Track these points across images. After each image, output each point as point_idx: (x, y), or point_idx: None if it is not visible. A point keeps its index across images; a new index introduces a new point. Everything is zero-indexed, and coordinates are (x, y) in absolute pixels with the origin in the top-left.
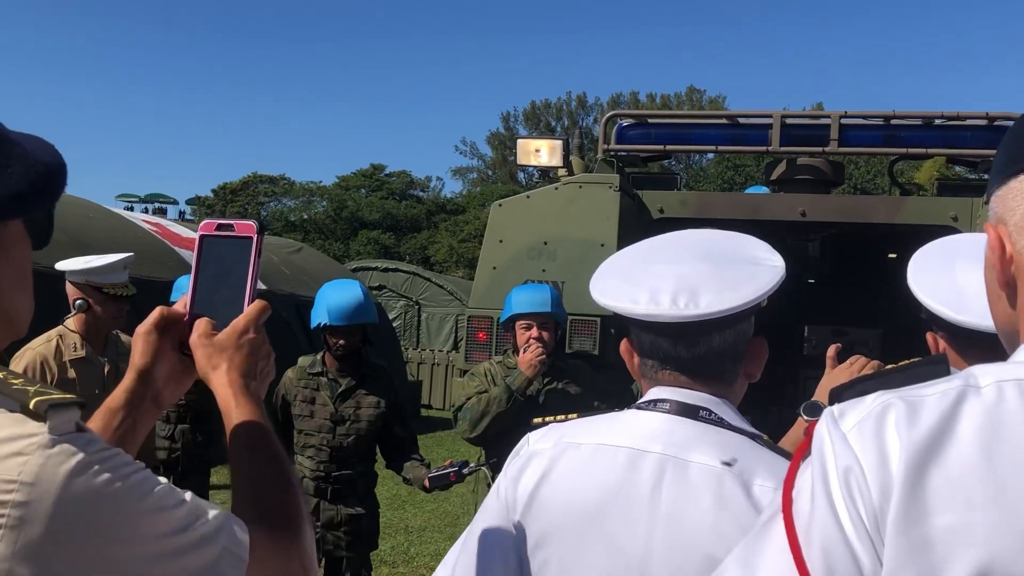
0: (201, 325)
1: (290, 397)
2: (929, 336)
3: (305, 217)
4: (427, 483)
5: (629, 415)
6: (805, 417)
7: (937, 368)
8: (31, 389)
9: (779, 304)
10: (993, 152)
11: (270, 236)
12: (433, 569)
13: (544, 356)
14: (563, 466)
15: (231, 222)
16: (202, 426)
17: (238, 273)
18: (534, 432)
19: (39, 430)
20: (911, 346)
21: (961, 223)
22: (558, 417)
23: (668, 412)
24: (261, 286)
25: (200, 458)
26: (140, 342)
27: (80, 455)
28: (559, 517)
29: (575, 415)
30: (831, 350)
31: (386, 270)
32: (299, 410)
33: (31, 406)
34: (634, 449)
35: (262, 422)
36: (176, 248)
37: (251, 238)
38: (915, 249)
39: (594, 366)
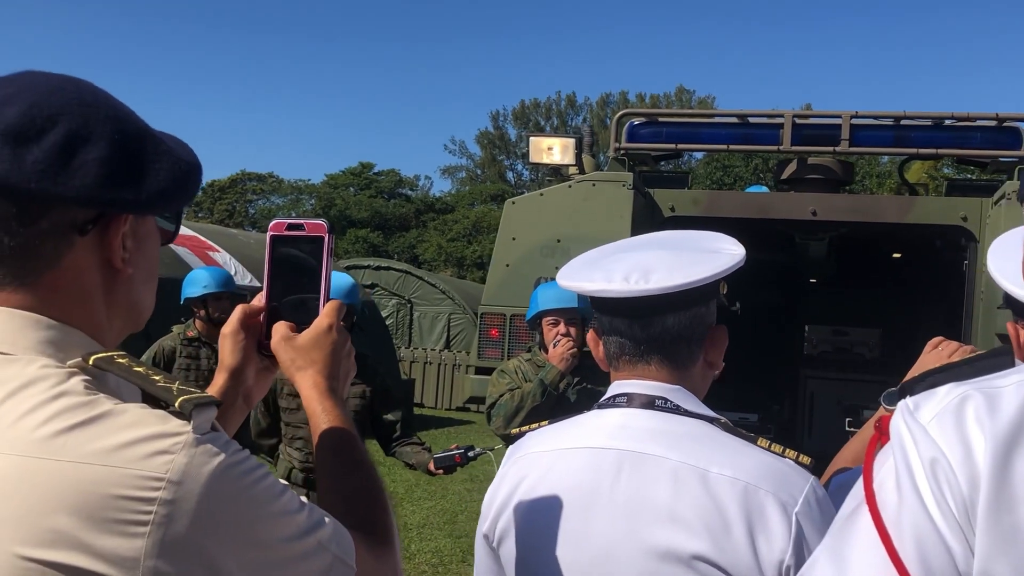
0: (280, 328)
1: (276, 388)
2: (1010, 326)
3: (293, 215)
4: (432, 465)
5: (591, 416)
6: (886, 406)
7: (1003, 360)
8: (174, 387)
9: (781, 304)
10: (1002, 153)
11: (260, 233)
12: (434, 566)
13: (575, 350)
14: (529, 477)
15: (301, 222)
16: None
17: (311, 273)
18: (513, 444)
19: (183, 429)
20: (909, 346)
21: (971, 223)
22: (532, 425)
23: (626, 406)
24: (253, 282)
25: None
26: (228, 341)
27: (222, 455)
28: (530, 526)
29: (546, 422)
30: (931, 342)
31: (378, 268)
32: (286, 403)
33: (176, 405)
34: (593, 448)
35: (348, 427)
36: (171, 246)
37: (322, 237)
38: (922, 249)
39: None
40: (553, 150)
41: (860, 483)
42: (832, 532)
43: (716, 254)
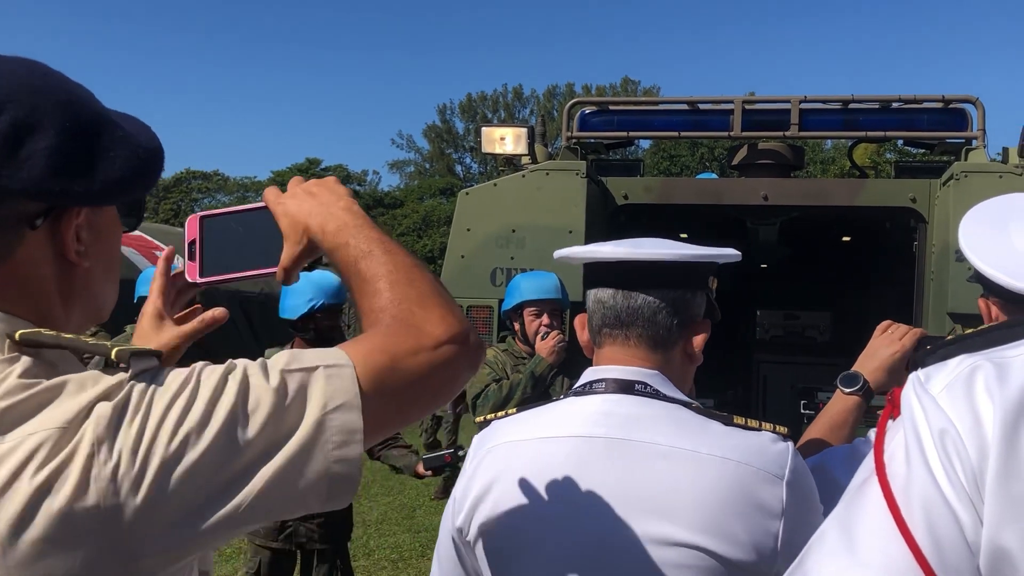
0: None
1: None
2: (981, 302)
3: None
4: (421, 467)
5: (568, 403)
6: (843, 388)
7: (1016, 330)
8: (108, 343)
9: (733, 289)
10: (949, 134)
11: None
12: (394, 561)
13: (564, 342)
14: (508, 468)
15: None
16: None
17: (265, 234)
18: (479, 434)
19: (121, 378)
20: (860, 329)
21: (920, 204)
22: (499, 414)
23: (605, 392)
24: None
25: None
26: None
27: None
28: (513, 518)
29: (514, 410)
30: (881, 325)
31: (327, 265)
32: None
33: (113, 356)
34: (577, 437)
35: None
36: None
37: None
38: (872, 232)
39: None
40: (506, 140)
41: (871, 455)
42: (842, 503)
43: (709, 248)
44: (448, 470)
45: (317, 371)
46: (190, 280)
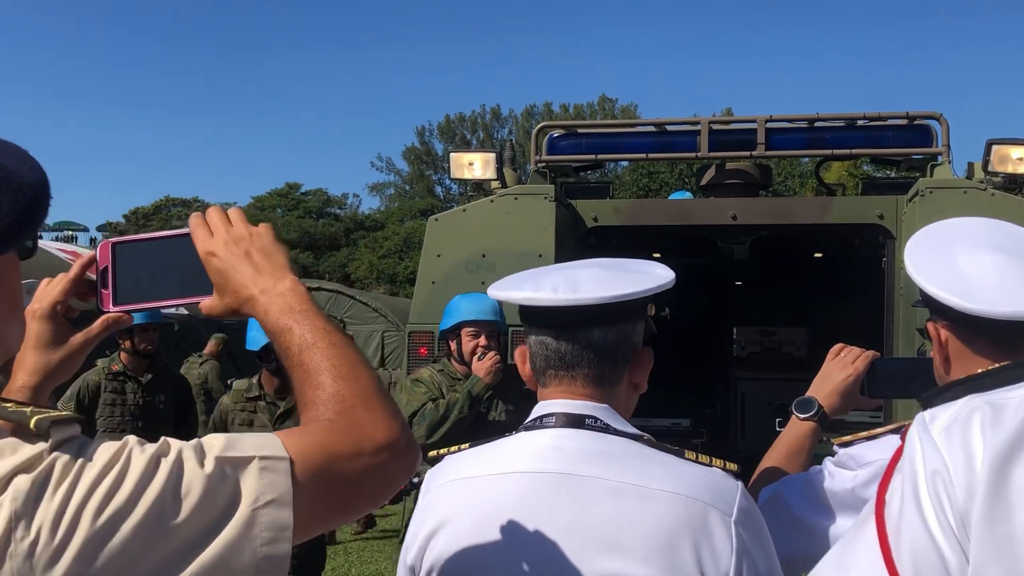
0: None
1: (228, 422)
2: (930, 325)
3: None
4: None
5: (517, 438)
6: (797, 414)
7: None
8: (28, 409)
9: (708, 307)
10: (914, 150)
11: None
12: None
13: (500, 363)
14: (458, 505)
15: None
16: None
17: (183, 264)
18: (430, 470)
19: (39, 449)
20: (836, 344)
21: (887, 221)
22: (452, 449)
23: (555, 427)
24: (183, 311)
25: None
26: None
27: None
28: (465, 556)
29: (466, 445)
30: (833, 349)
31: (308, 289)
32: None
33: (32, 425)
34: (526, 473)
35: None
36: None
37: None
38: (842, 248)
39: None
40: (474, 165)
41: (876, 493)
42: (843, 539)
43: (645, 275)
44: (405, 497)
45: (252, 463)
46: (102, 309)
